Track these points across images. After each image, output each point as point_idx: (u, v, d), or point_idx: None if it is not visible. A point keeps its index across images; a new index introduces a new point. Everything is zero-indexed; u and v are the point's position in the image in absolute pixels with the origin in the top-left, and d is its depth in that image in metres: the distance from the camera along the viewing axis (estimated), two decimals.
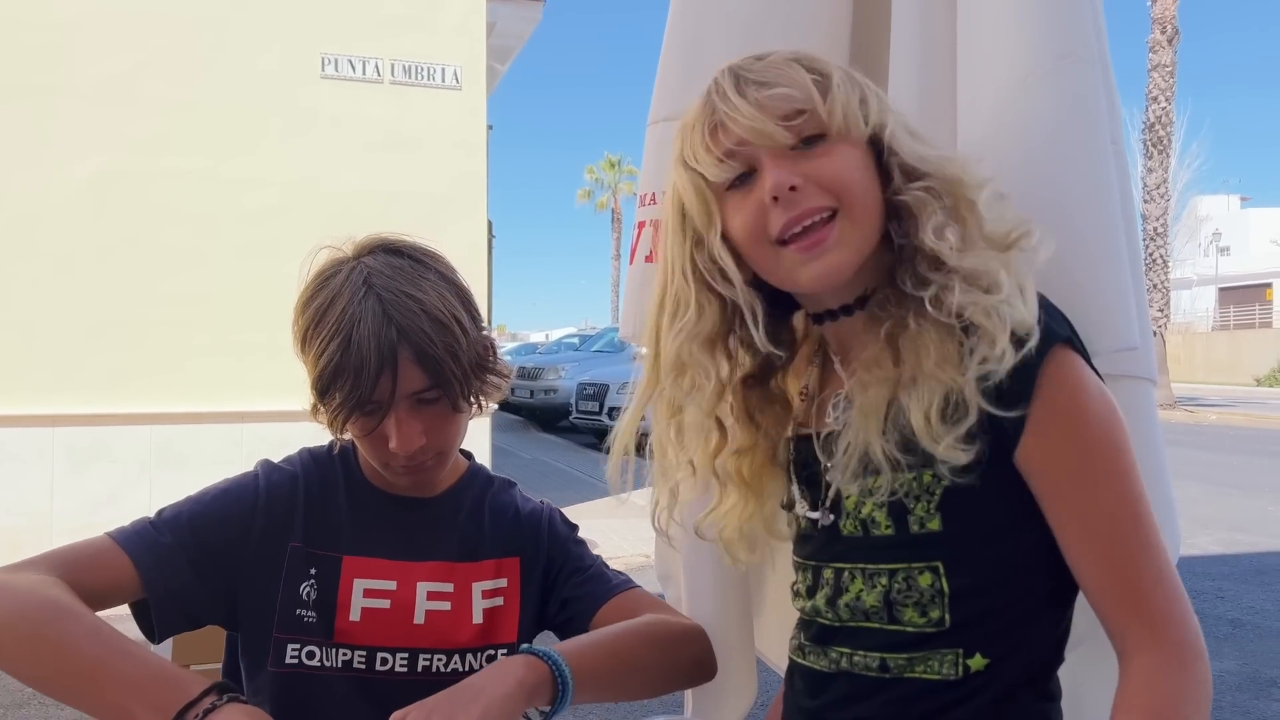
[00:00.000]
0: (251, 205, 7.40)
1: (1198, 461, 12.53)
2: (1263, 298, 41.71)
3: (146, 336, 7.12)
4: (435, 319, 1.25)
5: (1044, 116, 1.20)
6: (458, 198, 7.91)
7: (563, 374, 16.17)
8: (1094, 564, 1.00)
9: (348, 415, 1.26)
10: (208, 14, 7.41)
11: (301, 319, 1.28)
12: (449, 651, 1.37)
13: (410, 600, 1.36)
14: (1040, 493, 1.02)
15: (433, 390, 1.26)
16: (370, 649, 1.34)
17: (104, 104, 7.13)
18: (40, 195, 6.99)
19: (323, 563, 1.35)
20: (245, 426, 7.11)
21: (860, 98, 1.06)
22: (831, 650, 1.13)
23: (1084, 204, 1.19)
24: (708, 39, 1.45)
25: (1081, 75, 1.21)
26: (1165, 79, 21.55)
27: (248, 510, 1.34)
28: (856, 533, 1.10)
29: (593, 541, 4.80)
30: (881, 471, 1.04)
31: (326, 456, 1.43)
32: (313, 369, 1.26)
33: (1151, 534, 0.99)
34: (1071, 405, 1.00)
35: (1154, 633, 0.97)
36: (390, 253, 1.31)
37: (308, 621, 1.33)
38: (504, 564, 1.43)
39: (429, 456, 1.33)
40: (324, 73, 7.71)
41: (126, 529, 1.28)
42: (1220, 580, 6.83)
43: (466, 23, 8.16)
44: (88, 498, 6.94)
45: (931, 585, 1.04)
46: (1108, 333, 1.17)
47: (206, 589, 1.30)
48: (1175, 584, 1.00)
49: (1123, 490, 1.00)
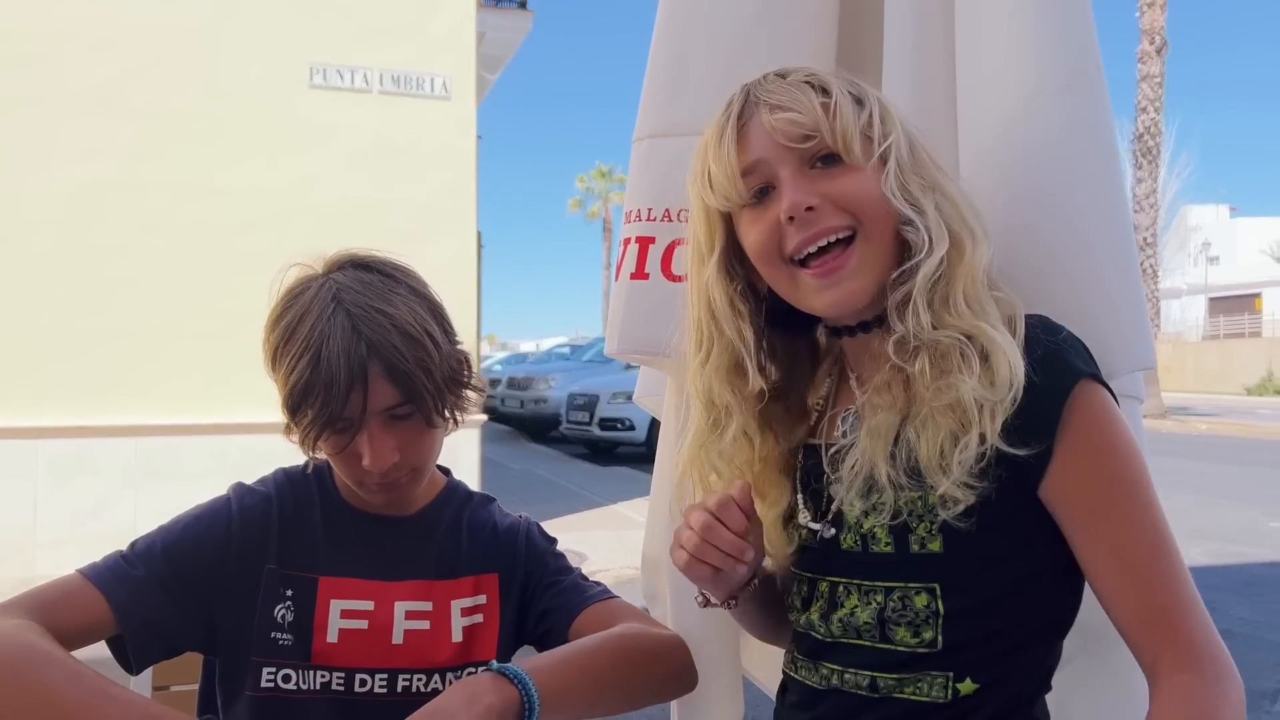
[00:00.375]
0: (240, 215, 7.37)
1: (1188, 471, 12.56)
2: (1252, 307, 41.99)
3: (131, 348, 7.08)
4: (406, 333, 1.23)
5: (1056, 134, 1.19)
6: (447, 207, 7.90)
7: (553, 384, 16.15)
8: (1128, 592, 1.00)
9: (319, 433, 1.24)
10: (196, 23, 7.39)
11: (271, 337, 1.27)
12: (429, 671, 1.36)
13: (388, 620, 1.35)
14: (1070, 523, 1.03)
15: (405, 406, 1.25)
16: (349, 670, 1.32)
17: (91, 113, 7.10)
18: (27, 204, 6.96)
19: (298, 584, 1.33)
20: (230, 438, 7.06)
21: (873, 118, 1.06)
22: (822, 666, 1.13)
23: (1099, 225, 1.19)
24: (692, 58, 1.45)
25: (1092, 93, 1.20)
26: (1154, 90, 21.70)
27: (221, 535, 1.32)
28: (856, 548, 1.10)
29: (582, 554, 4.78)
30: (885, 491, 1.05)
31: (301, 476, 1.42)
32: (283, 387, 1.24)
33: (1179, 560, 1.01)
34: (1101, 438, 1.02)
35: (1191, 654, 0.98)
36: (360, 268, 1.30)
37: (283, 644, 1.31)
38: (482, 580, 1.42)
39: (403, 473, 1.31)
40: (313, 82, 7.70)
41: (98, 564, 1.27)
42: (1211, 592, 6.79)
43: (456, 32, 8.15)
44: (71, 510, 6.90)
45: (927, 606, 1.04)
46: (1128, 354, 1.18)
47: (183, 617, 1.28)
48: (1204, 609, 1.01)
49: (1151, 519, 1.01)
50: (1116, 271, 1.18)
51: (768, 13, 1.41)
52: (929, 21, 1.33)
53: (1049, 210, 1.18)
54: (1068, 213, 1.18)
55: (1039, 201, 1.19)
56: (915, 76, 1.33)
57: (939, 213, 1.04)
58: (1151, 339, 1.23)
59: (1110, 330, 1.16)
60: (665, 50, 1.48)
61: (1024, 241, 1.19)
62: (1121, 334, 1.17)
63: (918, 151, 1.07)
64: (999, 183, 1.23)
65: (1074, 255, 1.17)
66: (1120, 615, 1.01)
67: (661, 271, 1.45)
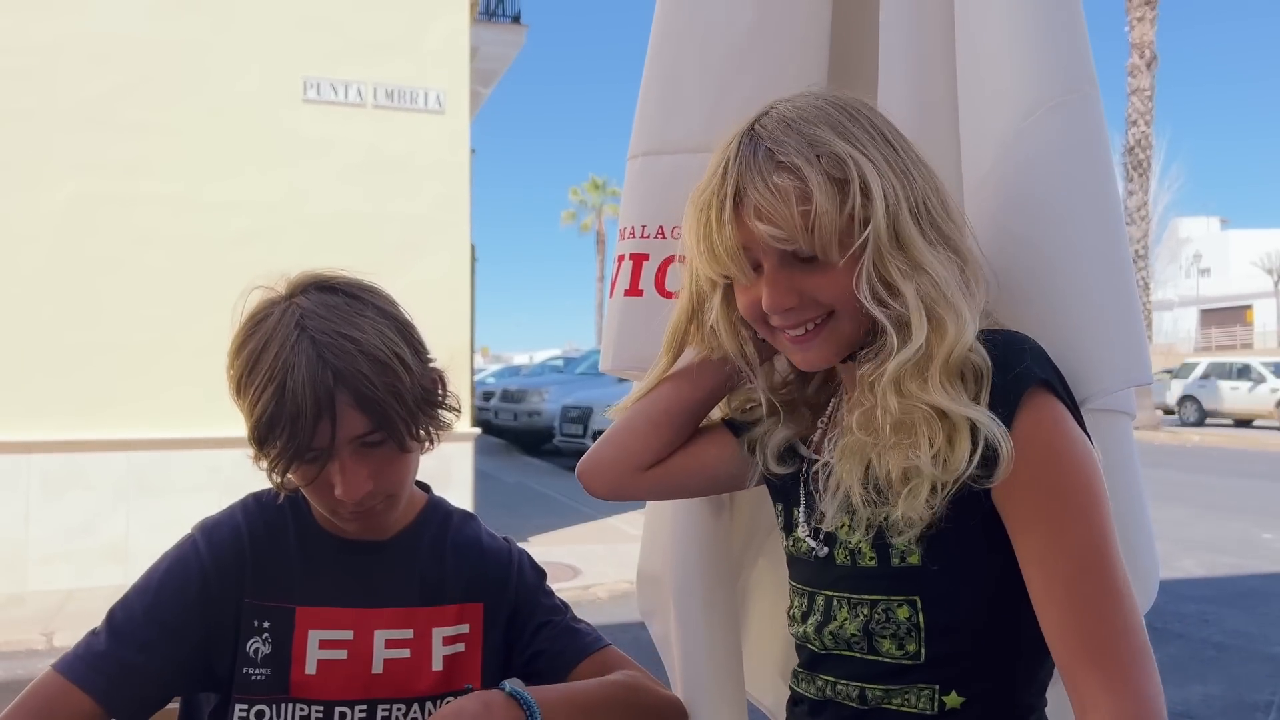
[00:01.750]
0: (233, 229, 7.36)
1: (1181, 483, 12.59)
2: (1243, 319, 42.13)
3: (124, 361, 7.07)
4: (374, 358, 1.19)
5: (1050, 151, 1.19)
6: (440, 220, 7.92)
7: (546, 397, 16.13)
8: (1055, 605, 0.98)
9: (288, 464, 1.20)
10: (189, 38, 7.40)
11: (235, 365, 1.23)
12: (408, 700, 1.33)
13: (368, 649, 1.32)
14: (1010, 528, 1.02)
15: (376, 433, 1.21)
16: (327, 704, 1.30)
17: (84, 128, 7.11)
18: (18, 218, 6.95)
19: (275, 615, 1.30)
20: (223, 452, 7.03)
21: (854, 211, 1.02)
22: (819, 678, 1.15)
23: (1094, 241, 1.18)
24: (685, 77, 1.45)
25: (1086, 110, 1.20)
26: (1144, 103, 21.85)
27: (196, 578, 1.29)
28: (846, 562, 1.12)
29: (576, 568, 4.76)
30: (859, 510, 1.06)
31: (273, 502, 1.37)
32: (249, 417, 1.20)
33: (1118, 584, 0.97)
34: (1044, 446, 1.00)
35: (1111, 689, 0.94)
36: (324, 290, 1.25)
37: (255, 680, 1.28)
38: (466, 609, 1.39)
39: (378, 500, 1.27)
40: (306, 96, 7.72)
41: (69, 657, 1.24)
42: (1204, 603, 6.83)
43: (449, 47, 8.18)
44: (63, 525, 6.87)
45: (909, 619, 1.05)
46: (1123, 370, 1.17)
47: (175, 671, 1.26)
48: (1140, 638, 0.96)
49: (1090, 536, 0.98)
50: (1112, 287, 1.18)
51: (761, 32, 1.41)
52: (924, 40, 1.34)
53: (1043, 226, 1.18)
54: (1062, 229, 1.18)
55: (1034, 218, 1.19)
56: (911, 97, 1.33)
57: (920, 298, 1.02)
58: (1148, 355, 1.21)
59: (1105, 346, 1.15)
60: (659, 69, 1.48)
61: (1020, 258, 1.19)
62: (1116, 350, 1.17)
63: (903, 227, 1.03)
64: (996, 199, 1.23)
65: (1069, 271, 1.17)
66: (1049, 637, 0.99)
67: (656, 288, 1.45)
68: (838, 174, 1.02)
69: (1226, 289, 46.20)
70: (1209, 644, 5.88)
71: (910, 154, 1.08)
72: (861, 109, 1.09)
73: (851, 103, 1.09)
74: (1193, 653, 5.69)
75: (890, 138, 1.07)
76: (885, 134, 1.07)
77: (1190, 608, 6.68)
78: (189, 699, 1.41)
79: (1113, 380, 1.15)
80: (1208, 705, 4.80)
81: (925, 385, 1.01)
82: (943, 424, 0.99)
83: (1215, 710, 4.75)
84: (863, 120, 1.07)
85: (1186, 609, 6.64)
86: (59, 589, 6.73)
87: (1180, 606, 6.68)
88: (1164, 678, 0.97)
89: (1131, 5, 21.42)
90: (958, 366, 1.02)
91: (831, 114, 1.06)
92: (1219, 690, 5.04)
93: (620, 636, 1.48)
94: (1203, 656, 5.63)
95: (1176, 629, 6.12)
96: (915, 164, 1.08)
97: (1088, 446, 1.03)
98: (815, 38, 1.43)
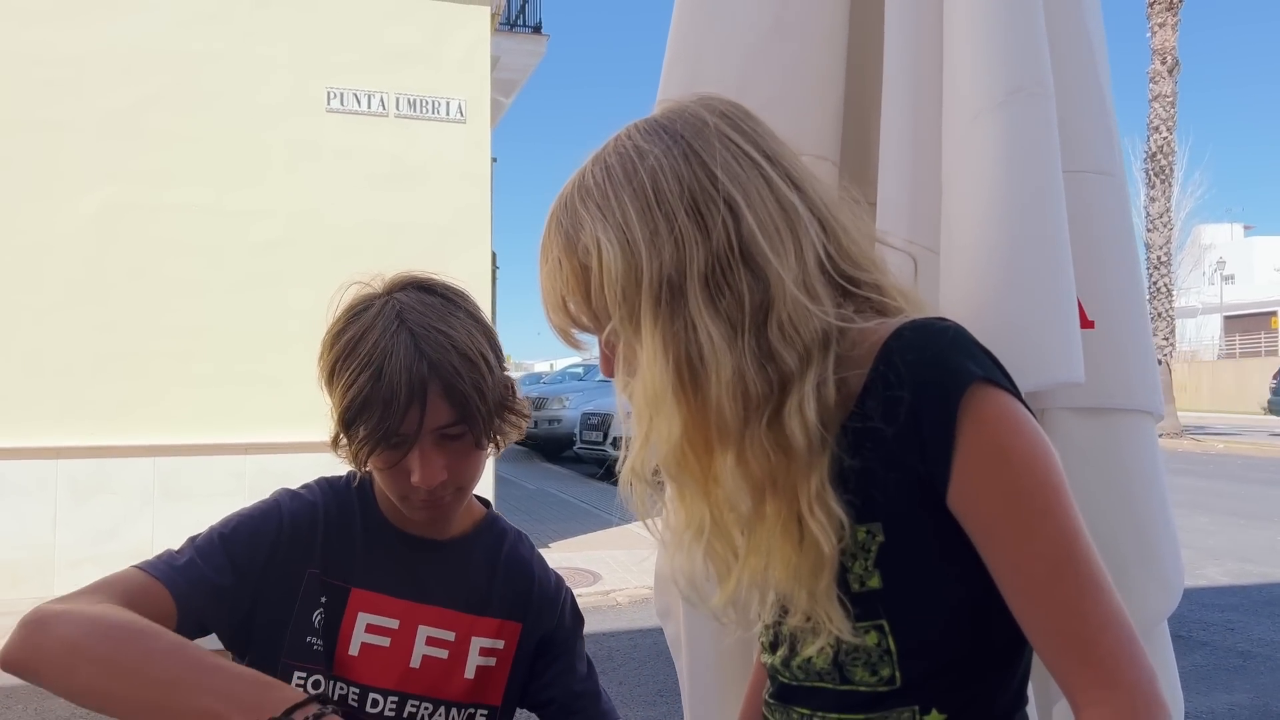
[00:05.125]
0: (256, 237, 7.45)
1: (1206, 491, 12.47)
2: (1268, 325, 41.68)
3: (150, 368, 7.15)
4: (464, 355, 1.26)
5: (990, 151, 1.21)
6: (462, 229, 7.96)
7: (567, 404, 16.17)
8: (1033, 610, 0.93)
9: (373, 448, 1.25)
10: (213, 48, 7.50)
11: (331, 352, 1.28)
12: (436, 702, 1.36)
13: (410, 642, 1.36)
14: (974, 538, 0.95)
15: (458, 426, 1.27)
16: (363, 687, 1.33)
17: (110, 137, 7.20)
18: (47, 227, 7.05)
19: (332, 592, 1.35)
20: (248, 458, 7.12)
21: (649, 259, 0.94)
22: (792, 711, 1.09)
23: (1033, 238, 1.20)
24: (705, 79, 1.46)
25: (1031, 110, 1.21)
26: (1166, 109, 21.67)
27: (273, 533, 1.33)
28: None
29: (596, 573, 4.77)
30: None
31: (345, 487, 1.43)
32: (340, 401, 1.25)
33: (1093, 575, 0.92)
34: (993, 444, 0.93)
35: (1104, 682, 0.90)
36: (421, 290, 1.33)
37: (316, 649, 1.32)
38: (506, 626, 1.42)
39: (449, 492, 1.32)
40: (329, 106, 7.79)
41: (151, 560, 1.27)
42: (1230, 612, 6.77)
43: (471, 56, 8.24)
44: (90, 530, 6.94)
45: (878, 644, 1.00)
46: (1053, 367, 1.18)
47: (227, 605, 1.29)
48: (1124, 628, 0.92)
49: (1056, 531, 0.93)
50: (1044, 285, 1.19)
51: (779, 34, 1.43)
52: (923, 39, 1.36)
53: (981, 221, 1.20)
54: (1004, 227, 1.20)
55: (974, 213, 1.21)
56: (914, 97, 1.35)
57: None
58: (1079, 351, 1.21)
59: (1038, 340, 1.17)
60: (678, 72, 1.49)
61: (956, 255, 1.22)
62: (1050, 345, 1.18)
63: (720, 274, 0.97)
64: (946, 195, 1.26)
65: (1000, 270, 1.19)
66: (1032, 640, 0.95)
67: None
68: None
69: (1251, 295, 45.72)
70: (1235, 652, 5.82)
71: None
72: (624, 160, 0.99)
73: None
74: (1218, 661, 5.64)
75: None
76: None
77: (1216, 616, 6.62)
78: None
79: (1041, 377, 1.15)
80: (1233, 714, 4.76)
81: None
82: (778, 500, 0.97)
83: (1240, 719, 4.70)
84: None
85: (1212, 617, 6.58)
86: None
87: (1206, 615, 6.62)
88: (1188, 686, 0.95)
89: (1153, 11, 21.28)
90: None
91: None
92: (1245, 699, 4.99)
93: (641, 641, 1.49)
94: (1228, 665, 5.57)
95: (1201, 637, 6.07)
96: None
97: (1038, 434, 0.96)
98: (834, 39, 1.45)
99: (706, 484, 1.00)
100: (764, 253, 0.94)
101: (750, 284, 0.94)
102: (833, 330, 0.96)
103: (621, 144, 1.00)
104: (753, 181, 0.97)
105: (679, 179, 0.96)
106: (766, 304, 0.94)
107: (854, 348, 0.98)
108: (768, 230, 0.95)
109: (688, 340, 0.94)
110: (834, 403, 0.97)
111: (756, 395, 0.94)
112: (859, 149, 1.52)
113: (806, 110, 1.42)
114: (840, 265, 1.00)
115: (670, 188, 0.95)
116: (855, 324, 0.98)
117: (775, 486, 0.98)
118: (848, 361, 0.98)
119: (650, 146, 0.98)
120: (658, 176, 0.96)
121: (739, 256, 0.94)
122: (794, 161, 1.02)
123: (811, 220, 0.98)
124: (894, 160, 1.34)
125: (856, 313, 1.00)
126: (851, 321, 0.98)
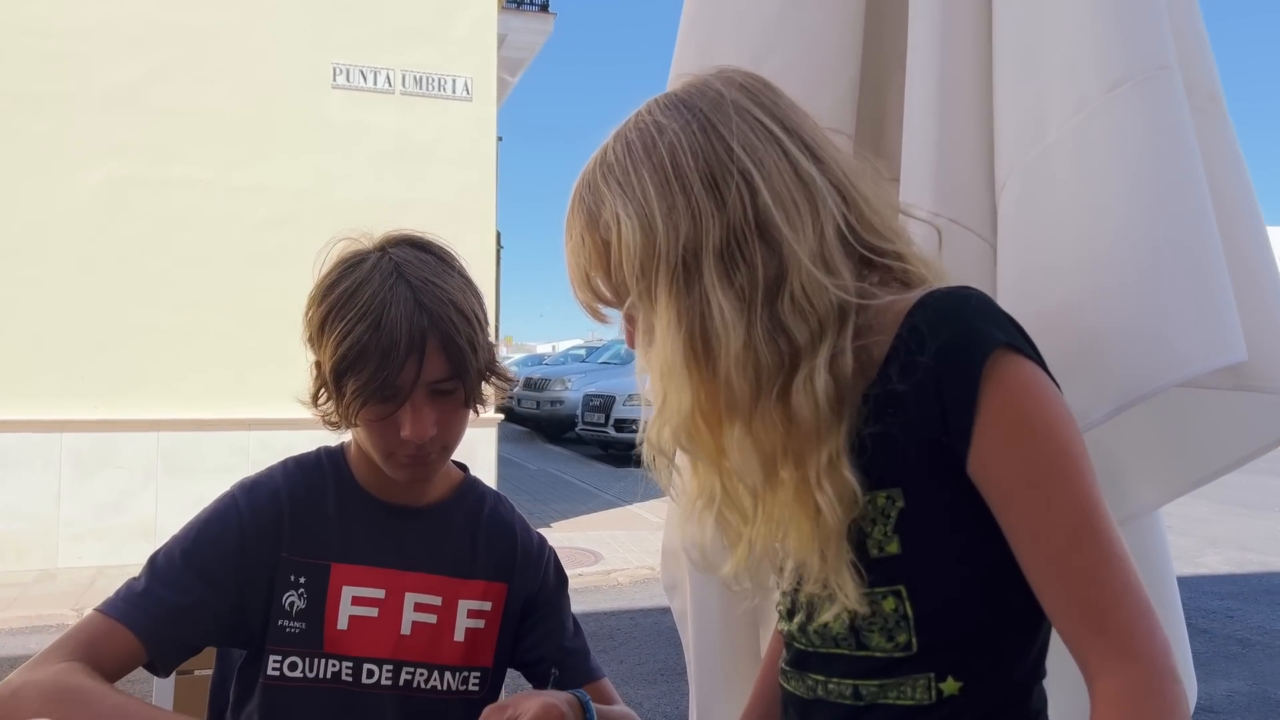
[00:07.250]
0: (261, 213, 7.43)
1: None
2: None
3: (154, 343, 7.15)
4: (460, 311, 1.27)
5: (1136, 128, 1.13)
6: (467, 208, 7.94)
7: (569, 385, 16.16)
8: (1050, 579, 0.93)
9: (366, 399, 1.24)
10: (219, 23, 7.46)
11: (323, 304, 1.27)
12: (430, 667, 1.37)
13: (398, 610, 1.36)
14: (993, 505, 0.96)
15: (452, 381, 1.27)
16: (357, 660, 1.34)
17: (115, 112, 7.18)
18: (51, 202, 7.04)
19: (310, 570, 1.34)
20: (252, 434, 7.12)
21: (663, 238, 0.95)
22: (808, 677, 1.10)
23: (1154, 223, 1.12)
24: (720, 55, 1.44)
25: (1168, 88, 1.13)
26: None
27: (235, 532, 1.33)
28: None
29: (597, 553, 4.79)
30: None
31: (315, 464, 1.42)
32: (332, 353, 1.24)
33: (1112, 545, 0.92)
34: (1015, 410, 0.93)
35: (1119, 653, 0.90)
36: (415, 247, 1.33)
37: (290, 632, 1.32)
38: (491, 588, 1.43)
39: (435, 449, 1.32)
40: (335, 83, 7.76)
41: (112, 599, 1.28)
42: (1230, 600, 6.78)
43: (477, 34, 8.20)
44: (94, 503, 6.97)
45: (895, 610, 1.00)
46: (1194, 351, 1.10)
47: (208, 618, 1.29)
48: (1141, 600, 0.92)
49: (1075, 499, 0.92)
50: (1201, 264, 1.11)
51: (795, 8, 1.41)
52: (956, 16, 1.32)
53: (1125, 202, 1.13)
54: (1117, 213, 1.13)
55: (1089, 202, 1.14)
56: (940, 67, 1.31)
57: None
58: (1235, 332, 1.11)
59: (1192, 322, 1.09)
60: (692, 48, 1.48)
61: (1073, 242, 1.15)
62: (1205, 325, 1.10)
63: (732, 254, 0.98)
64: (1064, 169, 1.18)
65: (1122, 255, 1.12)
66: (1048, 608, 0.95)
67: None
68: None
69: None
70: (1234, 640, 5.84)
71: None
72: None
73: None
74: (1217, 649, 5.65)
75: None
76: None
77: (1216, 604, 6.64)
78: (222, 653, 1.45)
79: (1198, 362, 1.08)
80: (1231, 701, 4.77)
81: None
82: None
83: (1239, 706, 4.72)
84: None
85: (1212, 605, 6.60)
86: (89, 566, 6.83)
87: (1205, 603, 6.63)
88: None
89: None
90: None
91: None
92: (1244, 686, 5.01)
93: (642, 621, 1.50)
94: (1227, 652, 5.59)
95: (1201, 625, 6.08)
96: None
97: (1060, 402, 0.96)
98: (851, 9, 1.43)
99: (718, 455, 1.01)
100: (779, 226, 0.94)
101: (765, 257, 0.94)
102: (850, 303, 0.96)
103: (641, 119, 1.01)
104: (770, 154, 0.96)
105: (695, 153, 0.95)
106: (780, 277, 0.94)
107: (877, 316, 0.98)
108: (784, 203, 0.95)
109: (701, 313, 0.95)
110: (854, 371, 0.97)
111: (767, 368, 0.94)
112: (873, 124, 1.50)
113: (823, 83, 1.40)
114: (862, 235, 0.99)
115: (687, 162, 0.95)
116: (877, 295, 0.98)
117: (787, 457, 0.98)
118: (870, 329, 0.98)
119: (669, 121, 0.98)
120: (675, 151, 0.96)
121: (754, 229, 0.94)
122: (815, 132, 1.02)
123: (831, 190, 0.98)
124: (919, 131, 1.30)
125: (880, 283, 1.00)
126: (874, 296, 0.97)
